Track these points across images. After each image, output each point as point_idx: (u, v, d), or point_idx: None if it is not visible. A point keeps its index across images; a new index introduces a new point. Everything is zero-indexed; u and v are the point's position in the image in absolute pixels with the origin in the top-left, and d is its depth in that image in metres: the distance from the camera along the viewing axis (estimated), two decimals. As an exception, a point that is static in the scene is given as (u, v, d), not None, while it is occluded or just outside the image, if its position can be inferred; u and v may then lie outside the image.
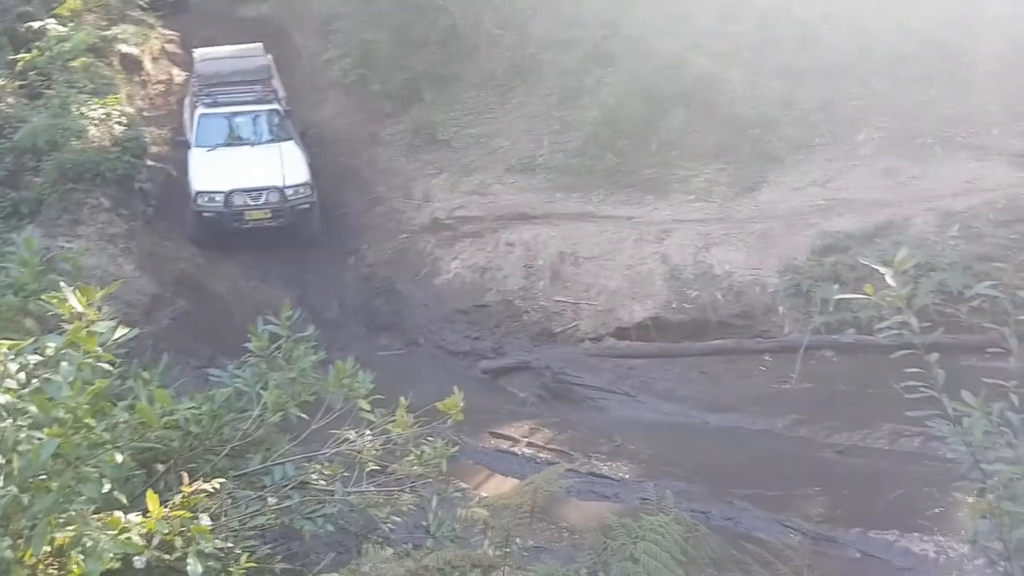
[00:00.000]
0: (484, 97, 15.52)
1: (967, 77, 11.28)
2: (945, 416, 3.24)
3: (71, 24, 17.42)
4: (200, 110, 14.69)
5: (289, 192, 13.47)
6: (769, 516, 7.61)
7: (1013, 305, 3.17)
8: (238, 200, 13.31)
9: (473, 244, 13.03)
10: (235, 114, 14.65)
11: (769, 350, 10.19)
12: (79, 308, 3.45)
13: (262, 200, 13.47)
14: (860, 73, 11.95)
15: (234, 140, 14.42)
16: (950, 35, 11.46)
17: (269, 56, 16.51)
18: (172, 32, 21.17)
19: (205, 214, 13.38)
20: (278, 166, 13.57)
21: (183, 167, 14.49)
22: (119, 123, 14.85)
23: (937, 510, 7.08)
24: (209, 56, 16.18)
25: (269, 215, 13.40)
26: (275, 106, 14.88)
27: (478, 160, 14.33)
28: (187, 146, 14.42)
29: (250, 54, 16.41)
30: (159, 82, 18.59)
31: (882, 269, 3.25)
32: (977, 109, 11.00)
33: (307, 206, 13.69)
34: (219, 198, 13.30)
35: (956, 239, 9.69)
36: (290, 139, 14.42)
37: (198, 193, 13.35)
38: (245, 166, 13.77)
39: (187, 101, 16.27)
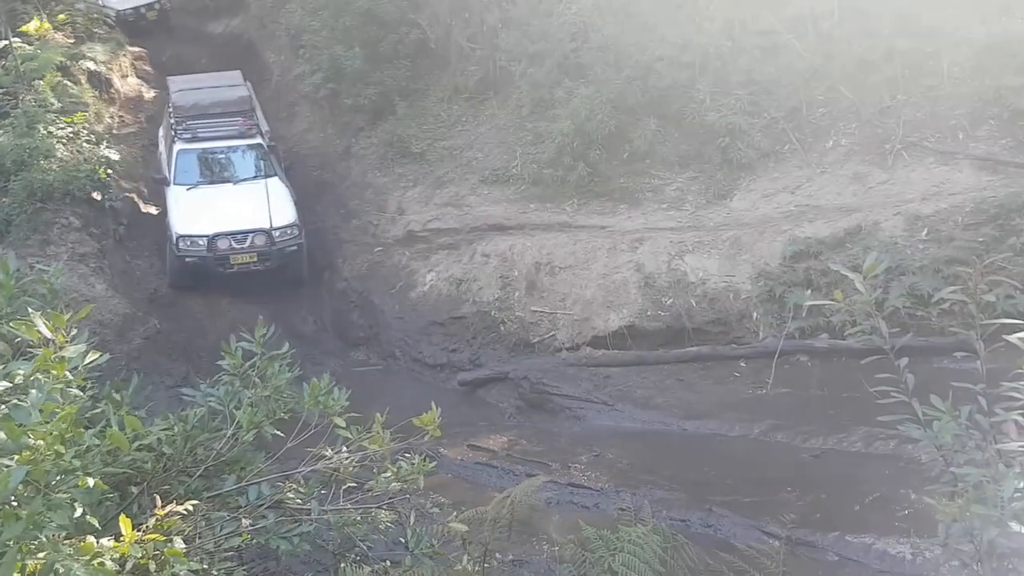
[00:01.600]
0: (456, 110, 15.54)
1: (932, 83, 11.46)
2: (916, 420, 3.27)
3: (37, 42, 17.29)
4: (179, 146, 13.82)
5: (276, 234, 12.70)
6: (747, 522, 7.65)
7: (978, 309, 3.21)
8: (222, 244, 12.49)
9: (448, 256, 13.04)
10: (216, 150, 13.90)
11: (744, 356, 10.29)
12: (47, 334, 3.41)
13: (248, 243, 12.68)
14: (827, 81, 12.10)
15: (216, 178, 13.65)
16: (915, 42, 11.62)
17: (248, 85, 15.94)
18: (140, 49, 21.06)
19: (187, 259, 12.54)
20: (264, 206, 12.68)
21: (159, 201, 14.17)
22: (87, 141, 14.73)
23: (913, 512, 7.14)
24: (186, 86, 15.29)
25: (255, 259, 12.60)
26: (258, 140, 14.15)
27: (452, 172, 14.35)
28: (165, 183, 13.65)
29: (229, 83, 15.62)
30: (128, 99, 18.46)
31: (851, 275, 3.29)
32: (943, 115, 11.17)
33: (295, 248, 12.99)
34: (202, 242, 12.48)
35: (925, 243, 9.83)
36: (275, 175, 13.70)
37: (180, 237, 12.52)
38: (229, 207, 12.93)
39: (162, 133, 15.51)
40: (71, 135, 14.57)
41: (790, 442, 8.93)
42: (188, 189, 13.21)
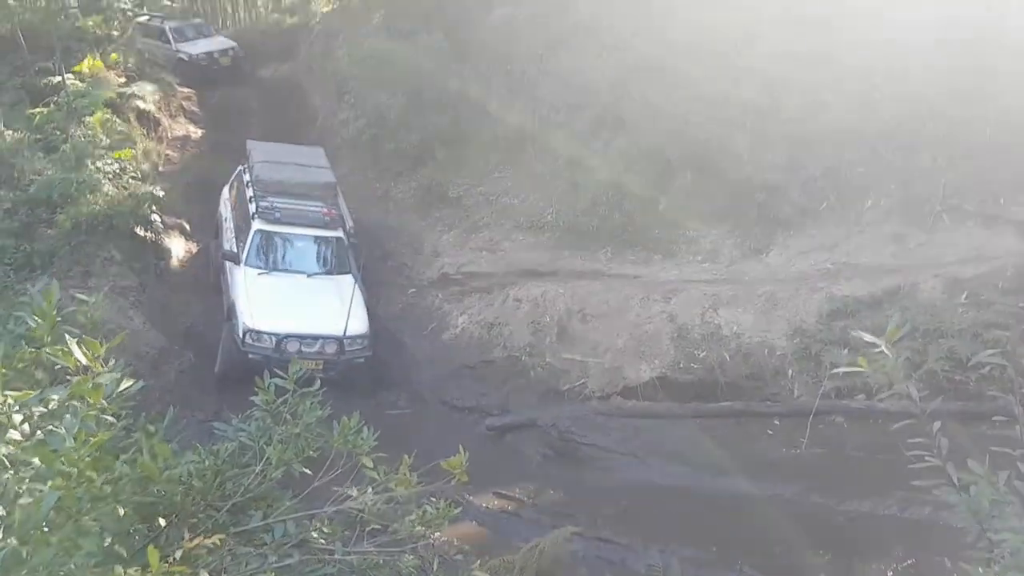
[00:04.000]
0: (494, 157, 15.75)
1: (974, 146, 11.37)
2: (952, 484, 3.20)
3: (89, 80, 17.87)
4: (257, 224, 12.68)
5: (347, 343, 11.58)
6: (778, 584, 7.47)
7: (1018, 373, 3.14)
8: (291, 346, 11.26)
9: (481, 300, 13.08)
10: (296, 236, 12.76)
11: (779, 414, 10.12)
12: (84, 361, 3.46)
13: (316, 348, 11.55)
14: (867, 140, 12.07)
15: (291, 267, 12.54)
16: (957, 104, 11.58)
17: (331, 170, 14.70)
18: (190, 90, 21.67)
19: (251, 355, 11.15)
20: (339, 311, 11.43)
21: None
22: (133, 177, 15.10)
23: (948, 581, 6.93)
24: (270, 157, 14.19)
25: (321, 366, 11.12)
26: (340, 234, 13.01)
27: (487, 217, 14.48)
28: (234, 260, 12.47)
29: (316, 163, 14.55)
30: (175, 138, 18.95)
31: (873, 340, 3.20)
32: (984, 178, 11.07)
33: (362, 360, 11.83)
34: (270, 341, 11.29)
35: (964, 306, 9.67)
36: (348, 273, 12.49)
37: (248, 332, 11.30)
38: (302, 305, 11.90)
39: (227, 196, 14.65)
40: (118, 171, 14.98)
41: (824, 504, 8.74)
42: (259, 274, 12.17)
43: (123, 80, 19.20)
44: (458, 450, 4.63)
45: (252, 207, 12.97)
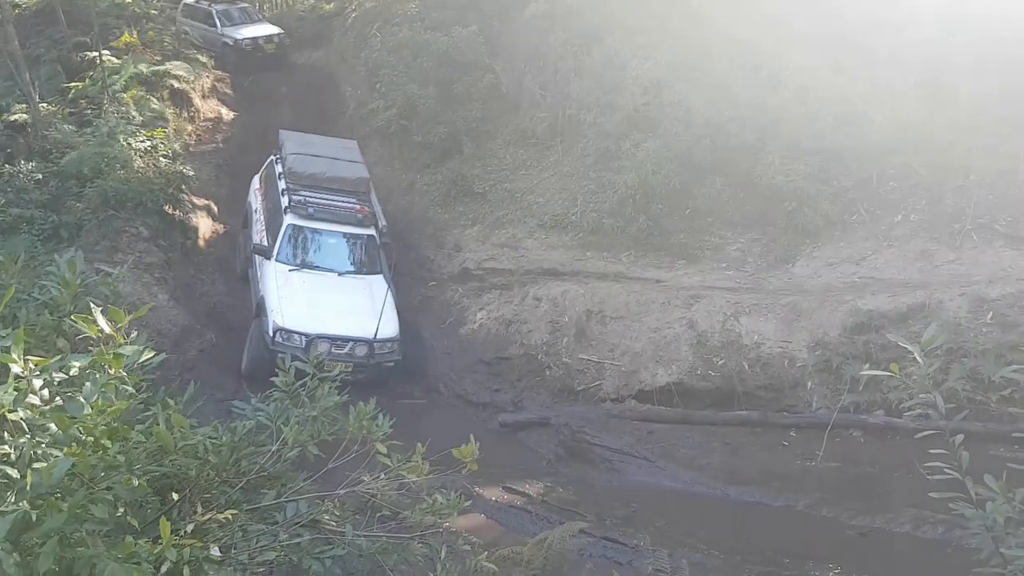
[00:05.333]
0: (522, 154, 15.73)
1: (1007, 166, 11.23)
2: (968, 500, 3.17)
3: (125, 57, 18.04)
4: (289, 218, 12.38)
5: (377, 346, 11.35)
6: (785, 595, 7.42)
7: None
8: (321, 347, 10.80)
9: (500, 296, 13.08)
10: (329, 233, 12.45)
11: (795, 425, 10.05)
12: (107, 330, 3.49)
13: (346, 351, 11.23)
14: (899, 155, 11.94)
15: (322, 264, 12.21)
16: (991, 124, 11.43)
17: (365, 165, 14.42)
18: (223, 72, 21.81)
19: (280, 354, 10.70)
20: (370, 312, 11.31)
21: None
22: (164, 156, 15.22)
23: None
24: (303, 149, 13.80)
25: (350, 368, 10.72)
26: (372, 232, 12.70)
27: (511, 214, 14.46)
28: (265, 254, 12.17)
29: (349, 157, 14.17)
30: (207, 119, 19.08)
31: (909, 347, 3.22)
32: (1015, 198, 10.93)
33: (391, 364, 11.63)
34: (300, 341, 10.96)
35: (989, 326, 9.55)
36: (379, 273, 12.31)
37: (278, 331, 11.05)
38: (334, 305, 11.53)
39: (257, 186, 14.31)
40: (149, 148, 15.11)
41: (836, 518, 8.68)
42: (291, 270, 11.87)
43: (159, 58, 19.36)
44: (470, 440, 4.65)
45: (284, 200, 12.68)
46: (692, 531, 8.69)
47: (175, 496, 3.71)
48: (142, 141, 15.14)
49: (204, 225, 15.19)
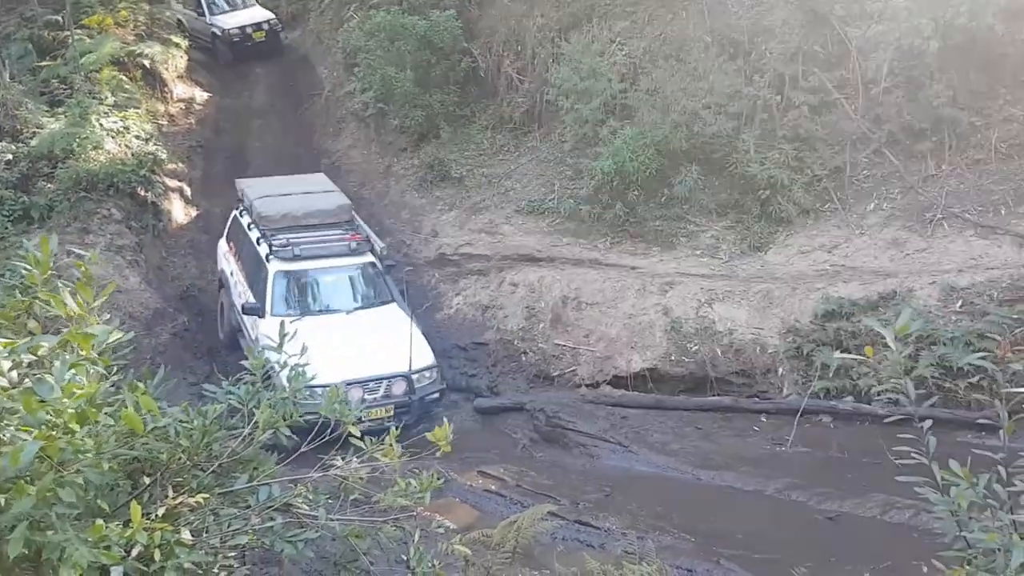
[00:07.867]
0: (499, 139, 15.70)
1: (979, 156, 11.39)
2: (934, 485, 3.23)
3: (98, 36, 17.73)
4: (275, 266, 11.09)
5: (416, 379, 10.24)
6: (754, 578, 7.51)
7: (1004, 377, 3.18)
8: (353, 395, 9.39)
9: (477, 282, 13.09)
10: (322, 270, 11.28)
11: (766, 411, 10.20)
12: (76, 309, 3.46)
13: (382, 393, 10.14)
14: (872, 144, 12.06)
15: (324, 306, 11.12)
16: (964, 114, 11.56)
17: (342, 193, 13.27)
18: (197, 53, 21.48)
19: (306, 416, 9.22)
20: (394, 345, 10.18)
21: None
22: (137, 137, 15.04)
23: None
24: (268, 191, 12.53)
25: (391, 414, 9.84)
26: (371, 259, 11.66)
27: (488, 200, 14.45)
28: (256, 313, 10.81)
29: (321, 188, 13.02)
30: (180, 100, 18.84)
31: (883, 331, 3.27)
32: (986, 188, 11.09)
33: (436, 395, 10.54)
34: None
35: (959, 314, 9.71)
36: (392, 302, 11.34)
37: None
38: (352, 347, 10.20)
39: (225, 248, 12.82)
40: (121, 129, 14.92)
41: (805, 502, 8.79)
42: (291, 322, 10.62)
43: (132, 38, 19.05)
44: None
45: (263, 248, 11.41)
46: (664, 515, 8.77)
47: (146, 480, 3.69)
48: (114, 122, 14.95)
49: (177, 207, 15.06)
